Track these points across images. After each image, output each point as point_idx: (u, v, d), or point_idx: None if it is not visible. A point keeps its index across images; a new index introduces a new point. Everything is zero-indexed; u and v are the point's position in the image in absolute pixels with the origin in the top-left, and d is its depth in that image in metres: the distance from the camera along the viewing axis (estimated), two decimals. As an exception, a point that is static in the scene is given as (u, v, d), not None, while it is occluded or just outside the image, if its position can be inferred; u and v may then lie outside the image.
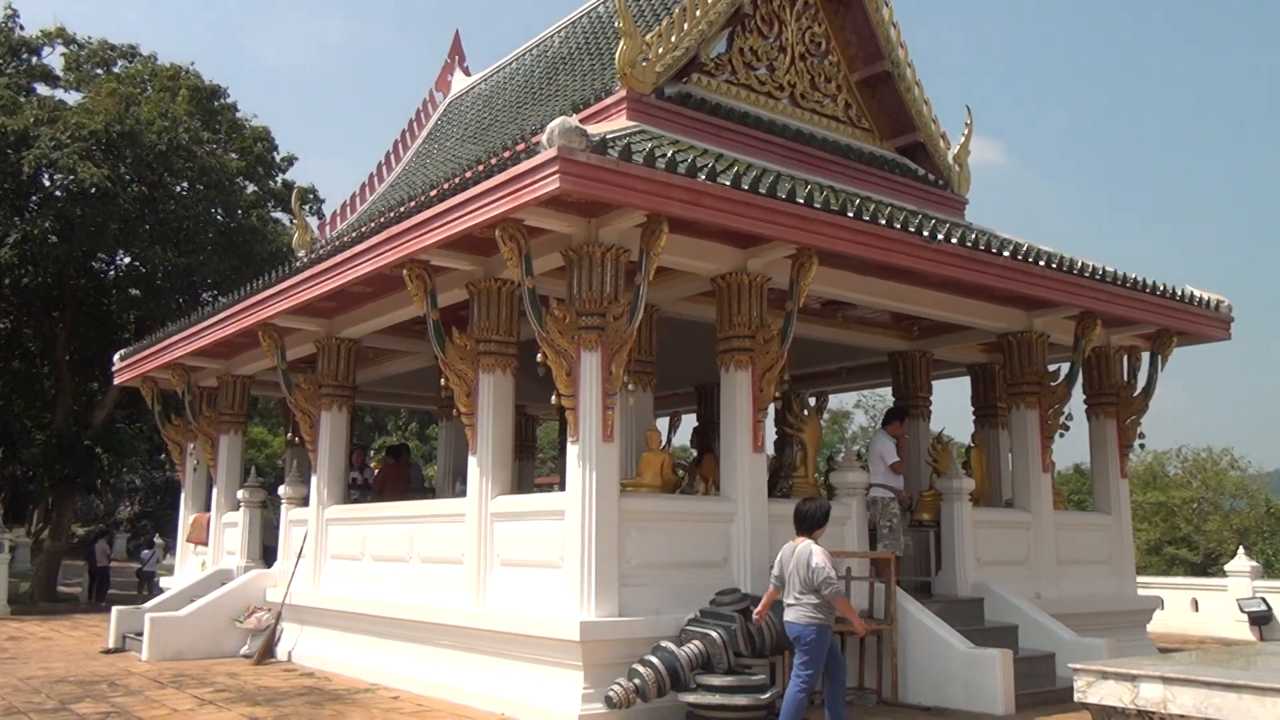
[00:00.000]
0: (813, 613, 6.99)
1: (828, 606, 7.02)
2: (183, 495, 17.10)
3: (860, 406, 44.49)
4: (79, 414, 24.18)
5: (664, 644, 7.83)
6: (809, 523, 7.35)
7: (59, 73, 26.03)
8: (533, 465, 19.96)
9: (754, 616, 7.77)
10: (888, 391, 14.76)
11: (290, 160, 28.51)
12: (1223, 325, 12.71)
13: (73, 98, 25.46)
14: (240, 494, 14.35)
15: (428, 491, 14.99)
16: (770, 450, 10.44)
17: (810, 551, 7.09)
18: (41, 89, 25.30)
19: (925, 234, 9.36)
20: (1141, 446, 13.49)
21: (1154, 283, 11.71)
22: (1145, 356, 13.08)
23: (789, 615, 7.14)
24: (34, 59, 25.49)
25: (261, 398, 19.51)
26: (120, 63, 26.90)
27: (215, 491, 15.45)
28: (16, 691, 9.94)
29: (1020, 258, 10.27)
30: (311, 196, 28.10)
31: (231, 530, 14.79)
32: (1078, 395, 12.44)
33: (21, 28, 25.29)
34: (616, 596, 8.10)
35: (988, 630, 10.08)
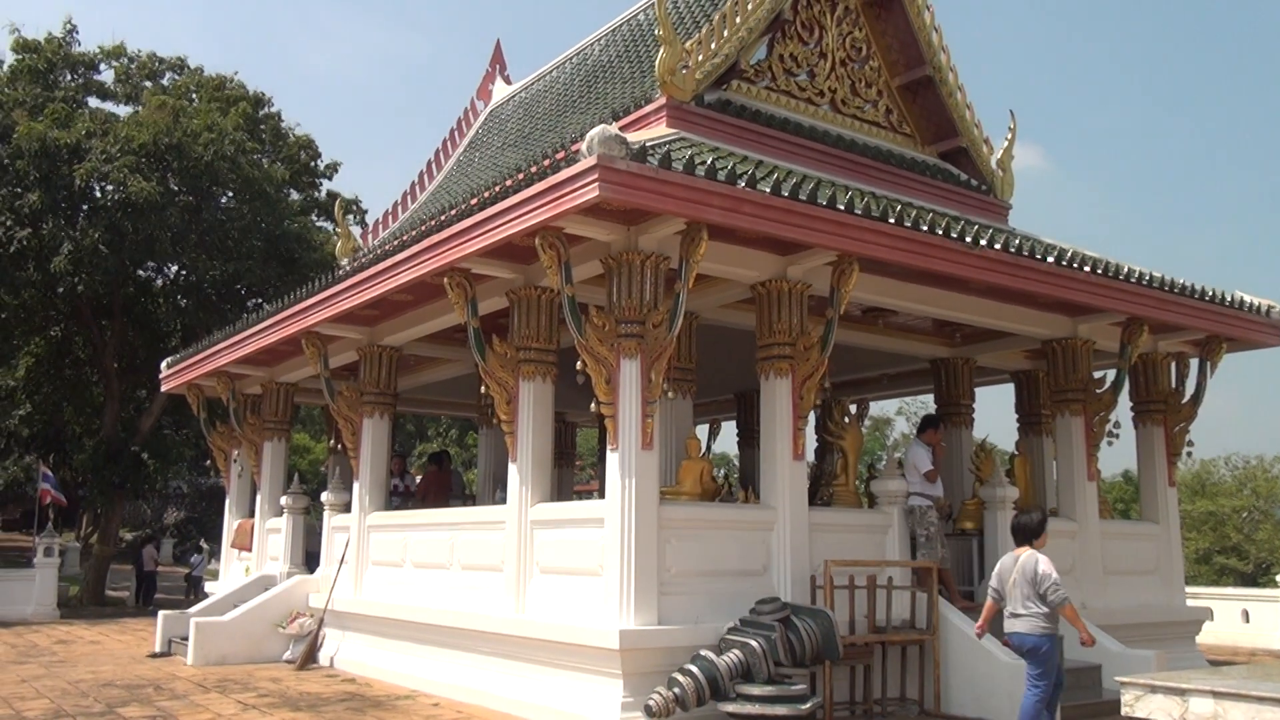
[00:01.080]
0: (1044, 623, 7.02)
1: (1055, 615, 7.03)
2: (227, 501, 17.32)
3: (901, 413, 44.21)
4: (127, 421, 24.60)
5: (703, 653, 7.80)
6: (1027, 533, 7.42)
7: (110, 85, 26.53)
8: (572, 472, 20.01)
9: (974, 631, 7.77)
10: (930, 398, 14.62)
11: (334, 168, 28.83)
12: (1274, 331, 12.46)
13: (123, 110, 25.94)
14: (283, 500, 14.51)
15: (468, 499, 15.06)
16: (811, 458, 10.38)
17: (1036, 560, 7.13)
18: (94, 101, 25.79)
19: (968, 240, 9.26)
20: (1190, 454, 13.26)
21: (1201, 288, 11.50)
22: (1194, 363, 12.85)
23: (1017, 626, 7.15)
24: (91, 74, 25.99)
25: (304, 405, 19.72)
26: (169, 75, 27.35)
27: (259, 498, 15.63)
28: (65, 695, 10.11)
29: (1064, 263, 10.13)
30: (355, 206, 28.39)
31: (275, 536, 14.95)
32: (1124, 403, 12.25)
33: (79, 42, 25.82)
34: (656, 605, 8.08)
35: (1032, 641, 9.91)
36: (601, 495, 8.66)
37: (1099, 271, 10.44)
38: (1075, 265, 10.23)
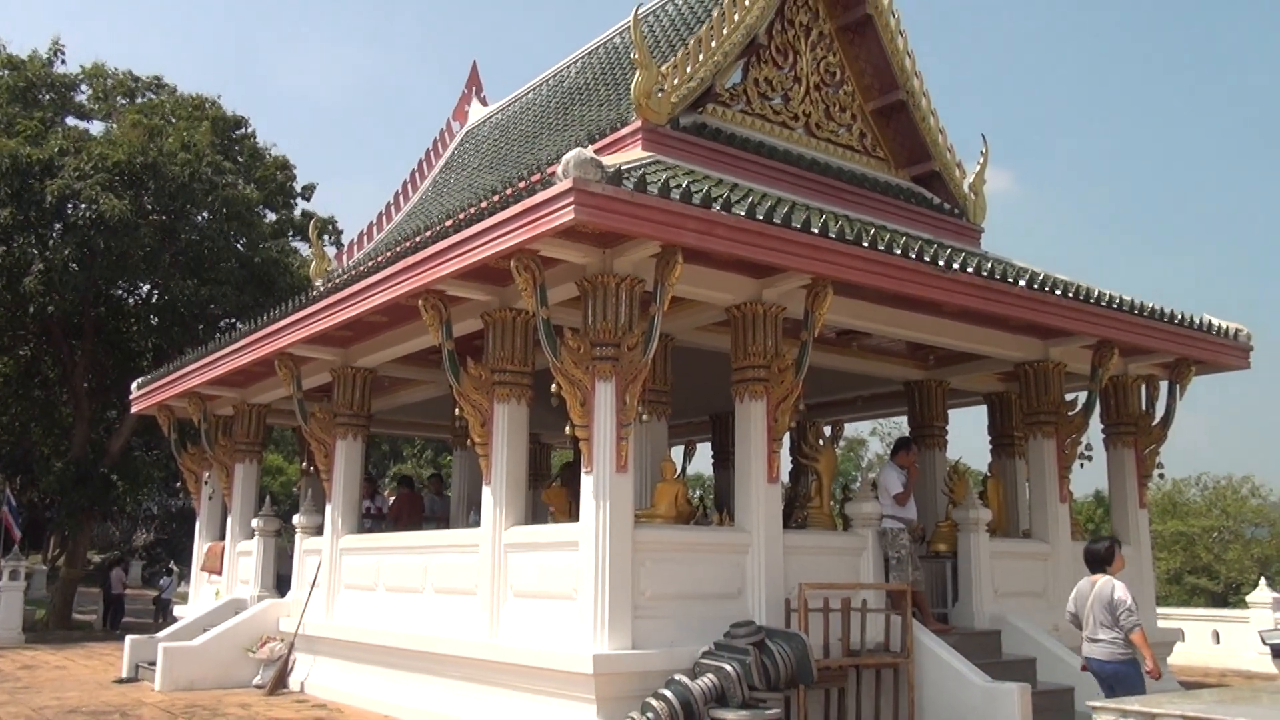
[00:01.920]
0: (1122, 648, 7.07)
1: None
2: (198, 523, 17.14)
3: (875, 434, 44.37)
4: (96, 442, 24.30)
5: (678, 677, 7.77)
6: (1099, 559, 7.59)
7: (86, 103, 26.36)
8: (547, 494, 19.91)
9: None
10: (904, 419, 14.69)
11: (310, 188, 28.73)
12: (1241, 354, 12.61)
13: (98, 127, 25.78)
14: (255, 523, 14.37)
15: (443, 521, 14.96)
16: (785, 480, 10.39)
17: (1112, 586, 7.21)
18: (70, 120, 25.61)
19: (941, 263, 9.33)
20: (1161, 476, 13.37)
21: (1171, 311, 11.64)
22: (1164, 385, 12.98)
23: (1094, 652, 7.21)
24: (69, 94, 25.83)
25: (277, 426, 19.55)
26: (146, 94, 27.21)
27: (230, 520, 15.47)
28: (30, 721, 9.93)
29: (1036, 287, 10.22)
30: (330, 226, 28.29)
31: (246, 559, 14.79)
32: (1095, 424, 12.35)
33: (64, 62, 25.66)
34: (630, 628, 8.05)
35: (1006, 664, 9.96)
36: (577, 516, 8.63)
37: (1070, 295, 10.54)
38: (1046, 289, 10.33)
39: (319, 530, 12.73)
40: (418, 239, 9.43)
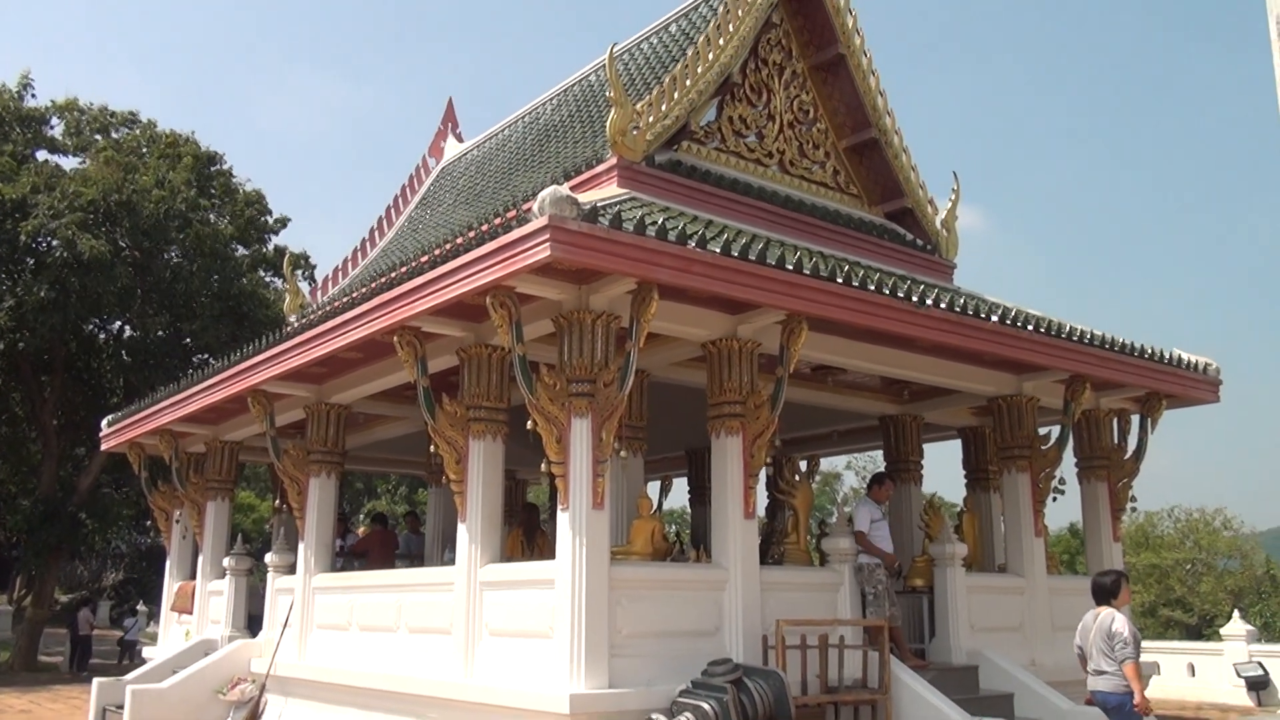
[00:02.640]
0: (1125, 680, 7.05)
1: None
2: (168, 563, 16.90)
3: (851, 468, 44.48)
4: (65, 479, 24.00)
5: (655, 716, 7.71)
6: (1105, 592, 7.65)
7: (59, 137, 26.25)
8: (523, 530, 19.78)
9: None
10: (879, 454, 14.74)
11: (283, 222, 28.69)
12: (1211, 388, 12.74)
13: (71, 163, 25.67)
14: (226, 561, 14.18)
15: (419, 559, 14.83)
16: (761, 515, 10.38)
17: (1113, 618, 7.22)
18: (42, 154, 25.48)
19: (914, 299, 9.40)
20: (1134, 509, 13.45)
21: (1141, 346, 11.76)
22: (1135, 419, 13.09)
23: (1099, 685, 7.22)
24: (41, 128, 25.72)
25: (250, 463, 19.36)
26: (121, 129, 27.14)
27: (201, 559, 15.27)
28: (-7, 767, 9.71)
29: (1008, 322, 10.32)
30: (304, 261, 28.22)
31: (216, 599, 14.59)
32: (1069, 459, 12.42)
33: (34, 96, 25.57)
34: (607, 667, 7.98)
35: (983, 699, 9.94)
36: (553, 553, 8.58)
37: (1042, 330, 10.64)
38: (1019, 324, 10.43)
39: (291, 569, 12.58)
40: (393, 275, 9.41)
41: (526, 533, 11.92)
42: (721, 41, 11.42)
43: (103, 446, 17.45)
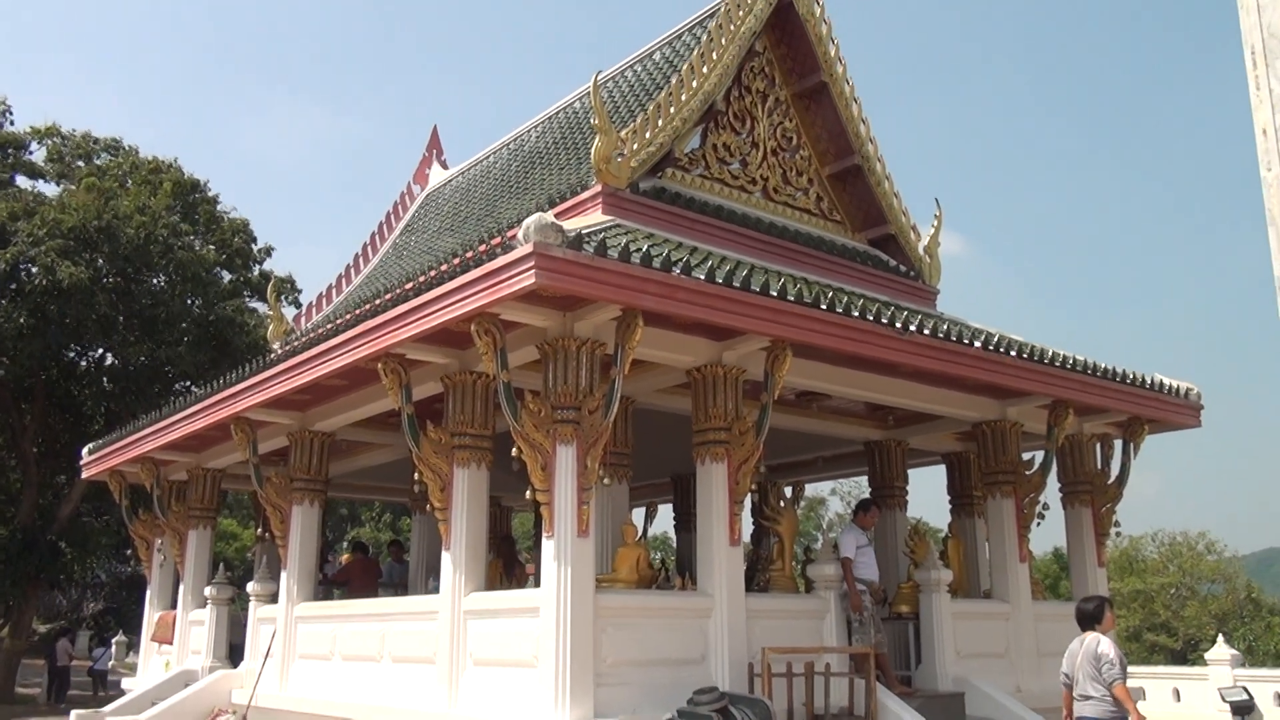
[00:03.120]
0: (1112, 704, 7.05)
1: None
2: (148, 592, 16.72)
3: (836, 493, 44.47)
4: (45, 508, 23.76)
5: (641, 745, 7.64)
6: (1090, 618, 7.72)
7: (40, 163, 26.17)
8: (508, 557, 19.68)
9: None
10: (864, 479, 14.74)
11: (268, 251, 28.63)
12: (1193, 413, 12.81)
13: (52, 189, 25.58)
14: (208, 591, 14.04)
15: (402, 588, 14.72)
16: (747, 541, 10.35)
17: (1098, 641, 7.22)
18: (22, 180, 25.38)
19: (898, 325, 9.44)
20: (1118, 534, 13.48)
21: (1123, 371, 11.83)
22: (1118, 444, 13.14)
23: (1086, 710, 7.23)
24: (20, 154, 25.64)
25: (232, 491, 19.22)
26: (104, 155, 27.08)
27: (182, 588, 15.11)
28: (-32, 802, 9.55)
29: (991, 348, 10.36)
30: (289, 286, 28.14)
31: (198, 629, 14.43)
32: (1053, 483, 12.46)
33: (12, 122, 25.50)
34: (592, 696, 7.91)
35: (970, 726, 9.91)
36: (537, 581, 8.53)
37: (1024, 356, 10.69)
38: (1001, 350, 10.48)
39: (274, 598, 12.46)
40: (378, 302, 9.40)
41: (505, 565, 11.89)
42: (705, 69, 11.50)
43: (83, 474, 17.28)
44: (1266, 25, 4.62)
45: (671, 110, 11.12)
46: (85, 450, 16.82)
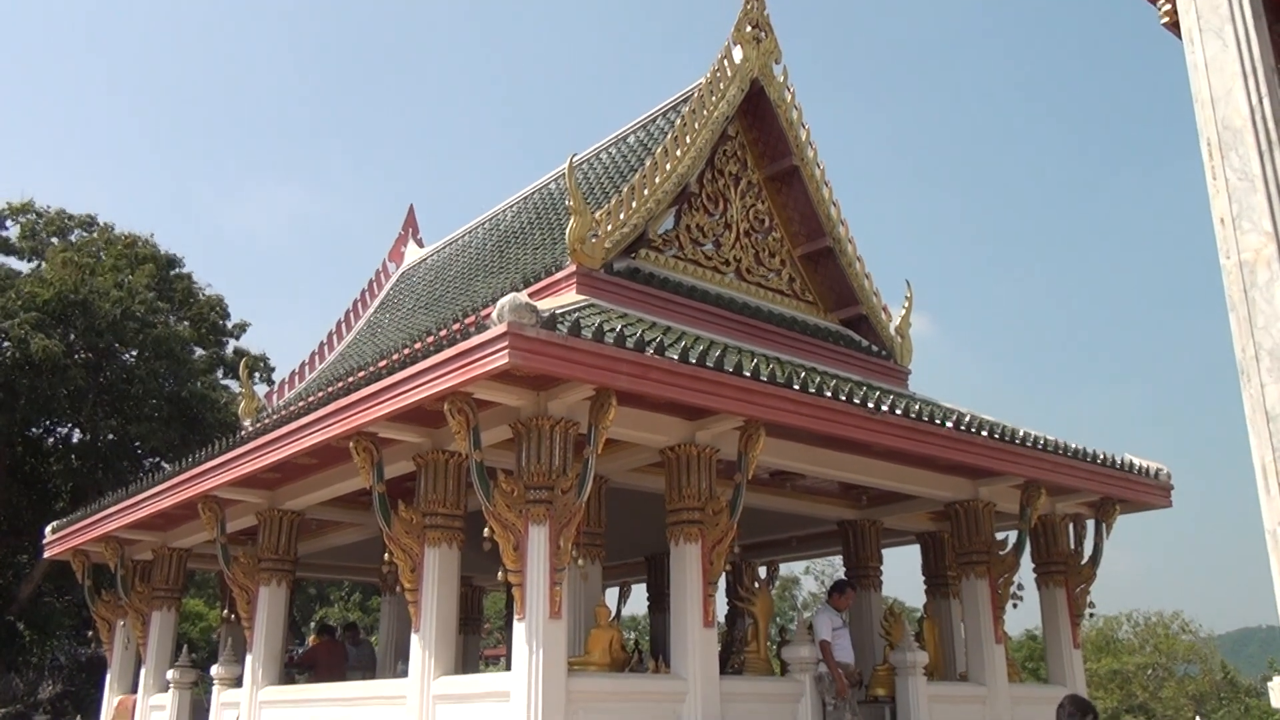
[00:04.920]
0: None
1: None
2: (109, 675, 16.27)
3: (810, 573, 44.15)
4: (5, 587, 23.23)
5: (613, 836, 7.46)
6: (1086, 709, 7.57)
7: (14, 240, 26.12)
8: (478, 638, 19.36)
9: None
10: (839, 559, 14.66)
11: (242, 327, 28.60)
12: (1163, 493, 12.89)
13: (25, 266, 25.49)
14: (170, 674, 13.69)
15: (369, 671, 14.41)
16: (721, 622, 10.25)
17: None
18: (-4, 256, 25.32)
19: (870, 405, 9.50)
20: (1091, 615, 13.45)
21: (1094, 452, 11.91)
22: (1090, 524, 13.17)
23: None
24: None
25: (199, 570, 18.86)
26: (77, 232, 27.08)
27: (144, 671, 14.70)
28: None
29: (963, 428, 10.43)
30: (261, 365, 28.03)
31: (159, 714, 14.01)
32: (1027, 564, 12.44)
33: None
34: (563, 784, 7.74)
35: (948, 813, 9.74)
36: (508, 663, 8.39)
37: (996, 436, 10.76)
38: (973, 430, 10.54)
39: (238, 681, 12.16)
40: (350, 380, 9.36)
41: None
42: (679, 153, 11.70)
43: (45, 554, 16.92)
44: (1220, 119, 4.77)
45: (645, 192, 11.28)
46: (49, 529, 16.48)
